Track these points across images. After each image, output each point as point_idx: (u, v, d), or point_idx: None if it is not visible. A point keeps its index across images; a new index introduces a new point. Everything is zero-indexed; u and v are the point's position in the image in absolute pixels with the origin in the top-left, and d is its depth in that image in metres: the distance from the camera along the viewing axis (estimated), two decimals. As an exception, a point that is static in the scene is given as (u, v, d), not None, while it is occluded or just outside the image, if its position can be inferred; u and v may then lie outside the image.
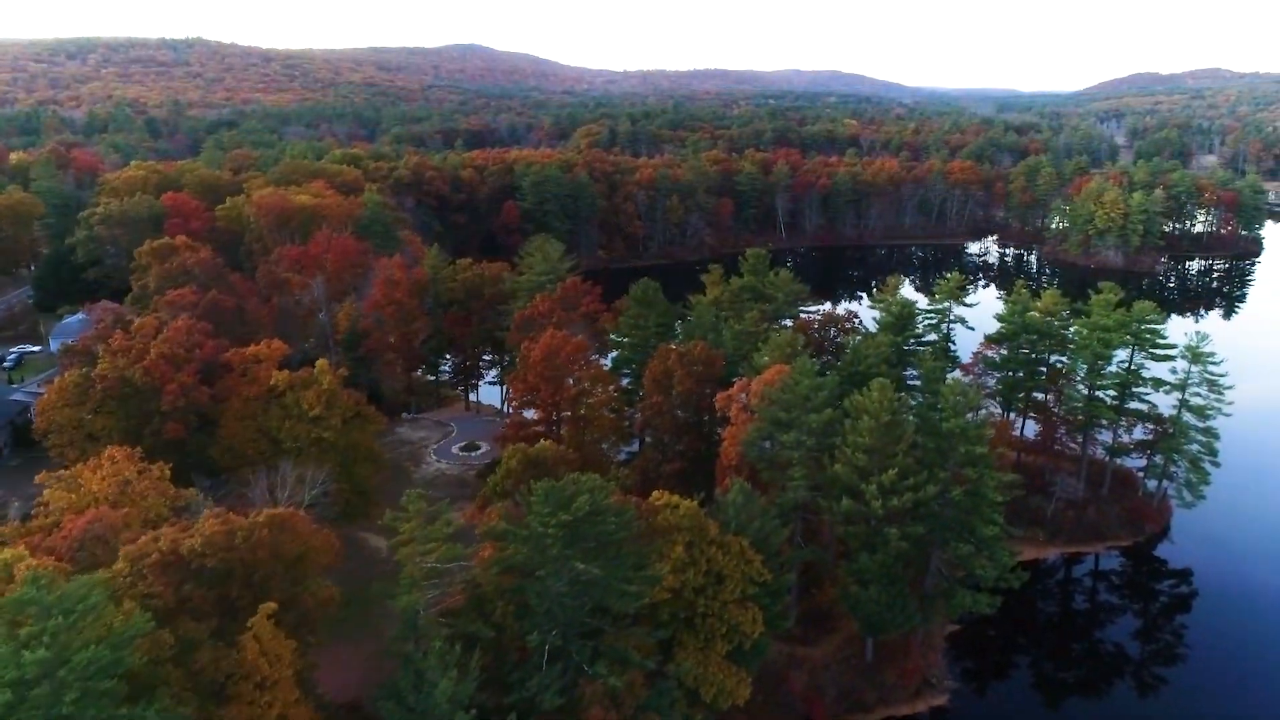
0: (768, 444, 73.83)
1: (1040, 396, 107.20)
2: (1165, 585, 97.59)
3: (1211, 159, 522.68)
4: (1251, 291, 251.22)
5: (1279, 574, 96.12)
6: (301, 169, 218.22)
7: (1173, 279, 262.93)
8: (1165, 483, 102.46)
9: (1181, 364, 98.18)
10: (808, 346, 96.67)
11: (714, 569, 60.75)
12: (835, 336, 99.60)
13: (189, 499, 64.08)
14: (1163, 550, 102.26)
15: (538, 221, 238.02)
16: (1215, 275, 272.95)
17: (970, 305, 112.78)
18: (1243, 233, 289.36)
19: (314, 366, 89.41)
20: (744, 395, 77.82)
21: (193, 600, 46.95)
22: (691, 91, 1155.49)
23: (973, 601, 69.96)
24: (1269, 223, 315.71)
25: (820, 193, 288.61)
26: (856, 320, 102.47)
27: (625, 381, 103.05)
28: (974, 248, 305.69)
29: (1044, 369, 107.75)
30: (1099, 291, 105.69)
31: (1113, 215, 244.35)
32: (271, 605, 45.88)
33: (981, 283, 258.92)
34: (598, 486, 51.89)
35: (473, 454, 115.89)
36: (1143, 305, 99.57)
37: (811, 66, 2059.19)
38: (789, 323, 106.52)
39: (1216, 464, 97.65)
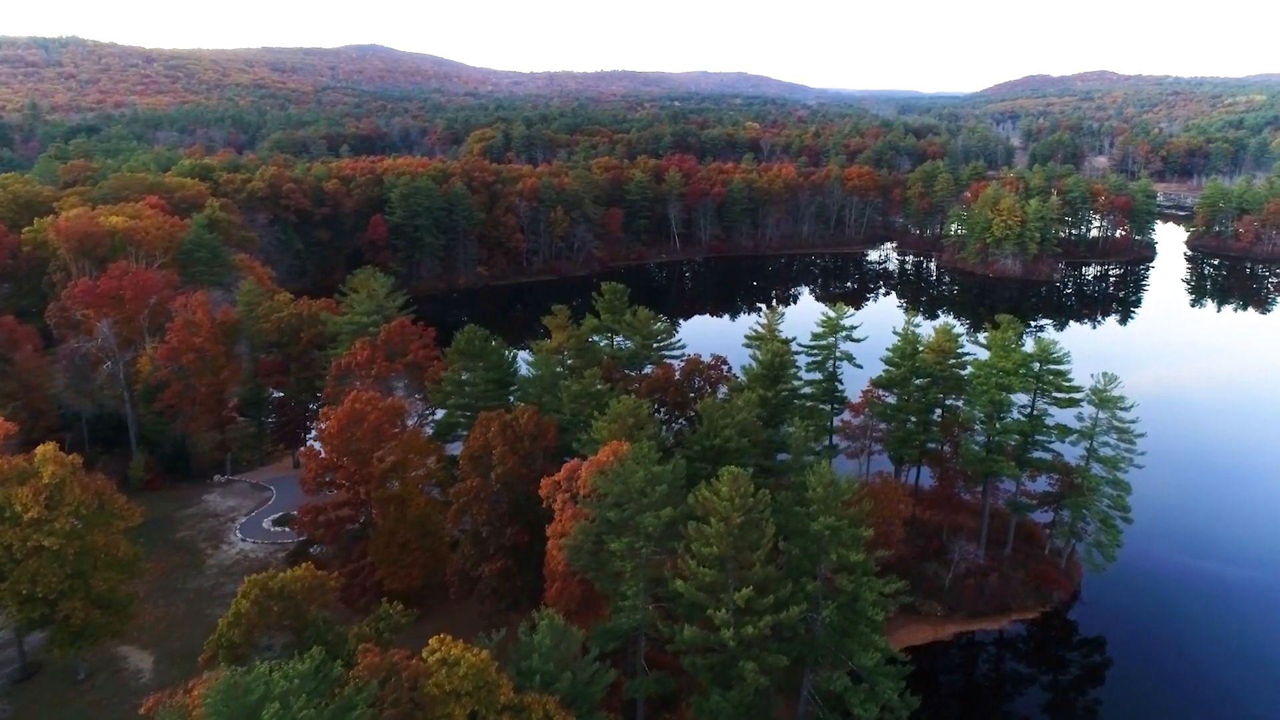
0: (598, 548, 58.60)
1: (935, 446, 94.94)
2: (1076, 655, 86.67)
3: (1103, 160, 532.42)
4: (1146, 296, 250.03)
5: (1191, 632, 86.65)
6: (136, 183, 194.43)
7: (1070, 285, 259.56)
8: (1074, 540, 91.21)
9: (1088, 409, 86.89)
10: (664, 407, 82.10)
11: (504, 750, 45.24)
12: (700, 387, 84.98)
13: None
14: (1073, 613, 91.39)
15: (409, 237, 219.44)
16: (1111, 280, 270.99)
17: (858, 340, 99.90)
18: (1136, 238, 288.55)
19: (56, 446, 70.22)
20: (572, 482, 62.44)
21: None
22: (598, 93, 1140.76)
23: (851, 745, 55.98)
24: (1158, 223, 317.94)
25: (715, 201, 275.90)
26: (725, 368, 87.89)
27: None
28: (873, 255, 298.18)
29: (939, 410, 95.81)
30: (996, 325, 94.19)
31: (1010, 223, 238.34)
32: None
33: (882, 291, 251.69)
34: (293, 689, 35.52)
35: (288, 529, 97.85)
36: (1044, 343, 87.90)
37: (719, 68, 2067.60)
38: (650, 368, 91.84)
39: (1128, 520, 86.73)
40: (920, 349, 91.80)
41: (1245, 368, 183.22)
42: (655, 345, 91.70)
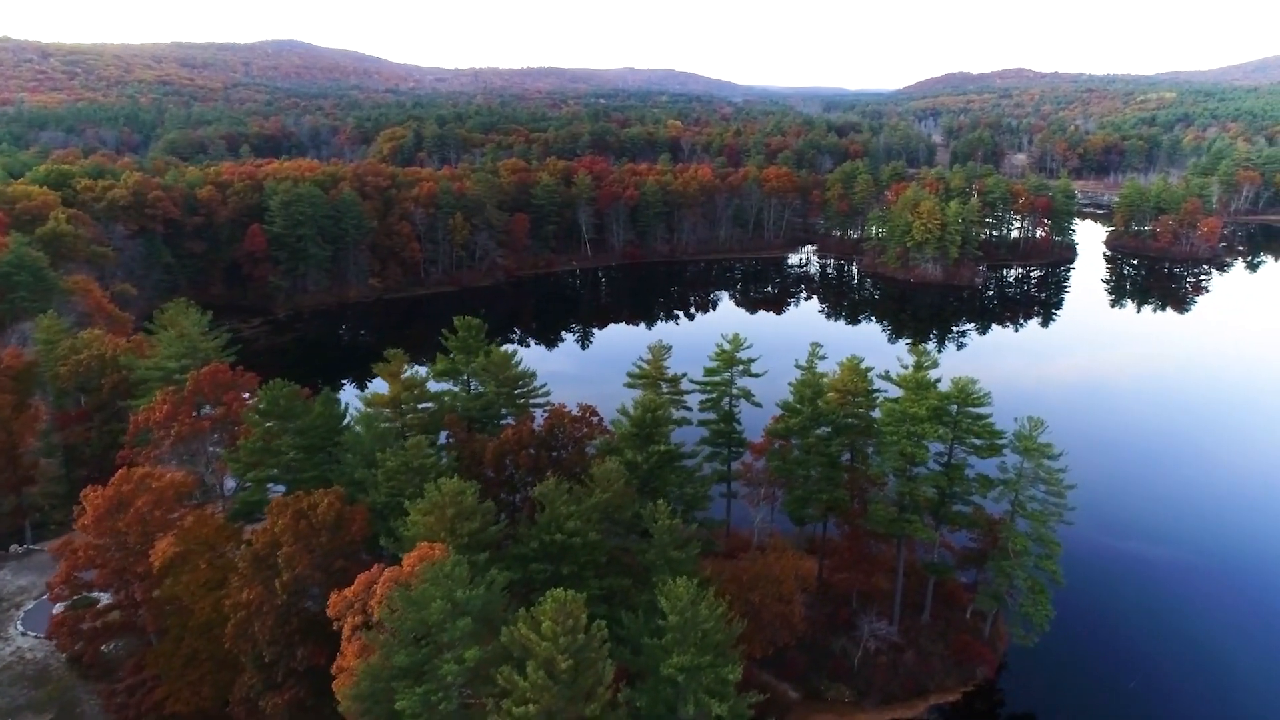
0: (392, 696, 44.58)
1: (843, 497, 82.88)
2: (1003, 732, 76.02)
3: (1022, 158, 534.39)
4: (1067, 297, 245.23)
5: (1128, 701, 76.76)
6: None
7: (992, 288, 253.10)
8: (998, 606, 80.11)
9: (1012, 457, 75.81)
10: (518, 471, 68.41)
11: None
12: (565, 446, 71.35)
13: None
14: (1000, 682, 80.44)
15: (291, 248, 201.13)
16: (1033, 282, 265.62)
17: (757, 375, 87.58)
18: (1057, 239, 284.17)
19: None
20: (369, 599, 48.31)
21: None
22: (523, 90, 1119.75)
23: None
24: (1077, 221, 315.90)
25: (628, 205, 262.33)
26: (595, 418, 74.28)
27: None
28: (794, 259, 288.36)
29: (849, 456, 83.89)
30: (914, 359, 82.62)
31: (930, 226, 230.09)
32: None
33: (803, 295, 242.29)
34: None
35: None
36: (962, 381, 76.43)
37: (646, 65, 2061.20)
38: (511, 419, 77.87)
39: (1059, 582, 76.01)
40: (823, 389, 79.65)
41: (1165, 368, 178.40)
42: (515, 392, 77.56)
